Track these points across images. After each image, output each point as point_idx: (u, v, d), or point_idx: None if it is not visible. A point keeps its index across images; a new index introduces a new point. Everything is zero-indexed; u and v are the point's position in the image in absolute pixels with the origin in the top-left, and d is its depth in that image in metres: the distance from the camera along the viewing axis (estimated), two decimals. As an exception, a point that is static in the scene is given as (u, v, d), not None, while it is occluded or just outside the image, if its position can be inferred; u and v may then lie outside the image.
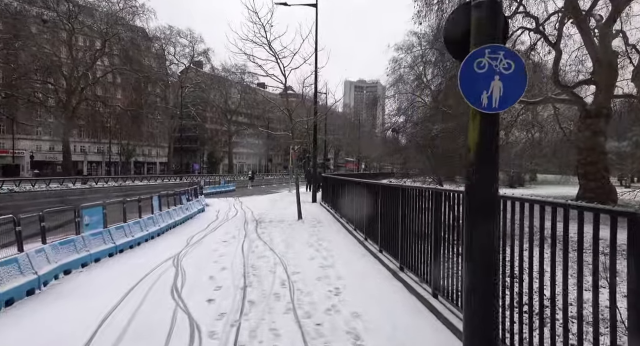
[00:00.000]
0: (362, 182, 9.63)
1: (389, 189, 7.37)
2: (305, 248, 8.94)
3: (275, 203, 20.90)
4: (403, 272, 6.24)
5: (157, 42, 64.92)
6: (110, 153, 62.63)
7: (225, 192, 30.65)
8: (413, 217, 5.78)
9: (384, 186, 7.80)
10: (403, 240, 6.27)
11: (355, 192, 10.33)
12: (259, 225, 12.76)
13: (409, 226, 5.97)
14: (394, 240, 6.82)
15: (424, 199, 5.34)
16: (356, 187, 10.46)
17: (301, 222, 13.37)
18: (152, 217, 10.86)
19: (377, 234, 8.08)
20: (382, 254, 7.58)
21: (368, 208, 8.79)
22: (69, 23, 47.90)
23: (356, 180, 11.03)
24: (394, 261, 6.78)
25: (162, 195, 12.48)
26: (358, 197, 10.10)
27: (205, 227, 12.54)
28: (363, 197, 9.39)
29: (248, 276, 6.49)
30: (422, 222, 5.39)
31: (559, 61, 23.47)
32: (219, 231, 11.73)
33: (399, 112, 34.03)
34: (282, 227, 12.34)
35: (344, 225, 12.11)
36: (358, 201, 10.06)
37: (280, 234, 10.89)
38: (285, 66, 12.92)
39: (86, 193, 25.86)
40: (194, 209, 16.23)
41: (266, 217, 15.25)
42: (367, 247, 8.49)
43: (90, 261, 7.36)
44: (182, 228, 12.68)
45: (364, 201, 9.30)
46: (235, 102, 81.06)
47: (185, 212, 14.55)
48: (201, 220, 14.80)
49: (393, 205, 6.84)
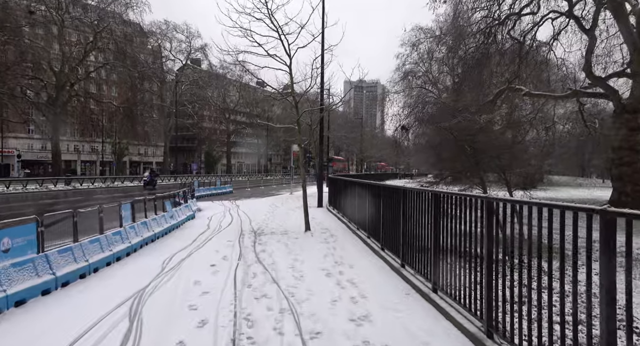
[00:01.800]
0: (397, 187, 7.23)
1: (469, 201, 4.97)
2: (321, 279, 6.54)
3: (276, 209, 18.49)
4: (492, 340, 3.85)
5: (152, 37, 62.47)
6: (104, 152, 60.15)
7: (221, 194, 28.21)
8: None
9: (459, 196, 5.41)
10: (490, 282, 3.89)
11: (385, 201, 7.93)
12: (258, 239, 10.35)
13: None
14: (458, 275, 4.44)
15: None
16: (384, 193, 8.05)
17: (309, 235, 10.96)
18: (120, 231, 8.44)
19: (424, 261, 5.71)
20: (438, 295, 5.20)
21: (409, 225, 6.40)
22: (58, 15, 45.47)
23: (380, 184, 8.63)
24: (468, 314, 4.40)
25: (138, 201, 10.07)
26: (388, 207, 7.71)
27: (192, 242, 10.13)
28: (396, 207, 7.00)
29: (240, 341, 4.09)
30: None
31: (592, 50, 21.08)
32: (208, 248, 9.32)
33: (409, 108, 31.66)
34: (287, 242, 9.93)
35: (363, 239, 9.72)
36: (389, 213, 7.66)
37: (285, 254, 8.47)
38: (290, 43, 10.53)
39: (60, 197, 23.34)
40: (182, 217, 13.82)
41: (266, 226, 12.84)
42: (409, 280, 6.09)
43: (5, 307, 4.95)
44: (163, 242, 10.26)
45: (398, 213, 6.91)
46: (233, 101, 78.65)
47: (170, 221, 12.14)
48: (189, 230, 12.39)
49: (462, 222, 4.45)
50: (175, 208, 13.80)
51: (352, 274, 6.77)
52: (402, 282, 6.24)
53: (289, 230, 11.87)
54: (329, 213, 16.71)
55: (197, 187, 25.92)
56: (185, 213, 14.69)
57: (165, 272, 7.03)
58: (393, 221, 7.37)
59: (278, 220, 14.31)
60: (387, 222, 7.83)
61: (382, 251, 8.11)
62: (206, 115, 79.43)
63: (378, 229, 8.55)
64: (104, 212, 8.11)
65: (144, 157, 77.27)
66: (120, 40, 48.98)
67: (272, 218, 14.85)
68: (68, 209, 7.23)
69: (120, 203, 8.71)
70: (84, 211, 7.47)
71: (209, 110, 78.91)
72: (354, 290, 5.87)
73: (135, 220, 9.64)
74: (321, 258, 8.04)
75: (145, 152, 76.91)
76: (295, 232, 11.44)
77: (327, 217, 15.54)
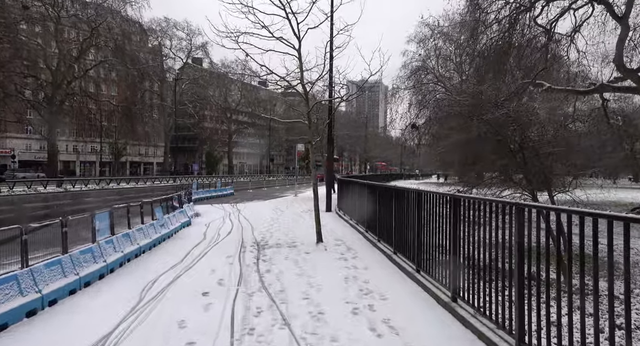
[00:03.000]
0: (446, 195, 5.59)
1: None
2: (347, 318, 4.91)
3: (281, 214, 16.88)
4: None
5: (152, 34, 61.00)
6: (102, 152, 58.68)
7: (221, 196, 26.62)
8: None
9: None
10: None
11: (426, 210, 6.29)
12: (262, 253, 8.74)
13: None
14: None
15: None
16: (427, 200, 6.41)
17: (322, 248, 9.33)
18: (92, 248, 6.84)
19: (493, 294, 4.09)
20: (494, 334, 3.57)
21: (470, 245, 4.78)
22: (54, 11, 43.98)
23: (422, 191, 7.00)
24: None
25: (119, 208, 8.46)
26: (429, 219, 6.08)
27: (183, 257, 8.51)
28: (447, 221, 5.38)
29: None
30: None
31: (624, 40, 19.31)
32: (202, 265, 7.71)
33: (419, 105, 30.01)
34: (296, 258, 8.30)
35: (388, 255, 8.11)
36: (430, 227, 6.03)
37: (295, 276, 6.85)
38: (300, 22, 8.92)
39: (47, 200, 21.69)
40: (175, 224, 12.22)
41: (271, 236, 11.22)
42: (470, 323, 4.45)
43: None
44: (149, 258, 8.66)
45: (451, 229, 5.28)
46: (235, 100, 77.09)
47: (160, 230, 10.54)
48: (182, 241, 10.79)
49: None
50: (168, 215, 12.22)
51: (386, 310, 5.14)
52: (459, 325, 4.60)
53: (297, 242, 10.24)
54: (340, 219, 15.08)
55: (195, 189, 24.33)
56: (179, 219, 13.10)
57: (143, 306, 5.41)
58: (438, 237, 5.73)
59: (284, 228, 12.69)
60: (425, 237, 6.20)
61: (418, 273, 6.48)
62: (207, 115, 77.86)
63: (410, 245, 6.92)
64: (79, 224, 6.56)
65: (145, 157, 75.84)
66: (119, 37, 47.47)
67: (277, 226, 13.23)
68: (46, 215, 5.62)
69: (93, 213, 7.10)
70: (39, 225, 5.86)
71: (211, 109, 77.36)
72: (397, 340, 4.24)
73: (115, 232, 8.04)
74: (342, 283, 6.41)
75: (145, 153, 75.49)
76: (305, 244, 9.82)
77: (338, 223, 13.91)
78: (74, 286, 5.97)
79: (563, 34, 23.63)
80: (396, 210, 7.91)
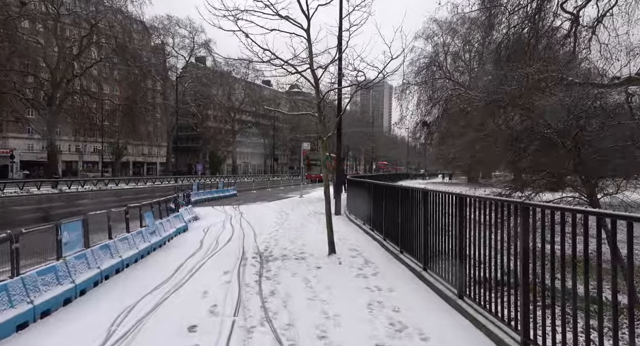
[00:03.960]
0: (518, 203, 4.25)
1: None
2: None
3: (287, 217, 15.56)
4: None
5: (154, 32, 59.88)
6: (103, 152, 57.67)
7: (223, 197, 25.36)
8: None
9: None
10: None
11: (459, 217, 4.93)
12: (265, 268, 7.42)
13: None
14: None
15: None
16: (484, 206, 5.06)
17: (335, 261, 7.99)
18: (55, 267, 5.54)
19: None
20: None
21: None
22: (53, 7, 42.89)
23: (463, 195, 5.66)
24: None
25: (96, 216, 7.17)
26: (479, 233, 4.73)
27: (173, 272, 7.22)
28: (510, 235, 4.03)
29: None
30: None
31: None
32: (193, 285, 6.41)
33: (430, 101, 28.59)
34: (306, 275, 6.97)
35: (417, 272, 6.78)
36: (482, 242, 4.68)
37: (306, 302, 5.51)
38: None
39: (35, 203, 20.40)
40: (169, 230, 10.95)
41: (276, 244, 9.90)
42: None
43: None
44: (132, 273, 7.37)
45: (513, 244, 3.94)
46: (239, 99, 75.85)
47: (150, 238, 9.25)
48: (175, 251, 9.51)
49: None
50: (162, 220, 10.95)
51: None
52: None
53: (306, 252, 8.91)
54: (351, 223, 13.75)
55: (195, 190, 23.10)
56: (174, 225, 11.83)
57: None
58: (489, 251, 4.39)
59: (290, 234, 11.37)
60: (473, 250, 4.85)
61: (460, 299, 5.14)
62: (211, 114, 76.70)
63: (449, 262, 5.57)
64: (15, 243, 5.28)
65: (148, 157, 74.90)
66: (119, 34, 46.34)
67: (283, 232, 11.92)
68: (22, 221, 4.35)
69: (58, 223, 5.79)
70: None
71: (214, 109, 76.19)
72: None
73: (92, 244, 6.76)
74: (365, 313, 5.07)
75: (149, 153, 74.54)
76: (315, 255, 8.48)
77: (350, 228, 12.58)
78: (25, 318, 4.68)
79: (584, 26, 22.22)
80: (426, 216, 6.57)
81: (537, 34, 16.29)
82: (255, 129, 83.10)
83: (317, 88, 8.20)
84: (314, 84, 8.22)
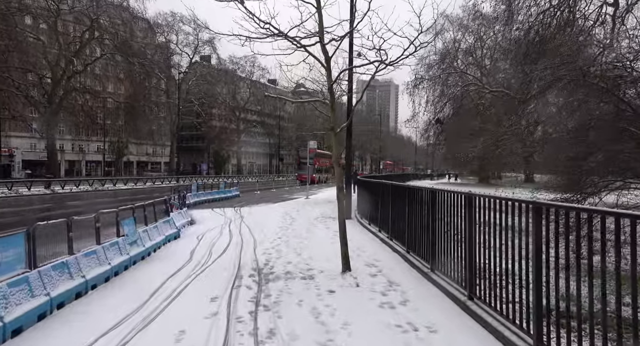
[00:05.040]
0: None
1: None
2: None
3: (291, 221, 14.03)
4: None
5: (158, 29, 58.63)
6: (105, 151, 56.55)
7: (224, 198, 23.90)
8: None
9: None
10: None
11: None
12: (264, 293, 5.89)
13: None
14: None
15: None
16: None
17: (352, 281, 6.44)
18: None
19: None
20: None
21: None
22: (53, 3, 41.71)
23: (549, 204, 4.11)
24: None
25: (48, 225, 5.67)
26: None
27: (147, 299, 5.69)
28: None
29: None
30: None
31: None
32: (166, 320, 4.89)
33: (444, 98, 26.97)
34: (316, 303, 5.42)
35: (454, 297, 5.23)
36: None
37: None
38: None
39: (18, 205, 18.95)
40: (156, 239, 9.48)
41: (279, 257, 8.37)
42: None
43: None
44: (94, 300, 5.86)
45: None
46: (244, 98, 74.46)
47: (128, 250, 7.77)
48: (158, 265, 8.01)
49: None
50: (148, 226, 9.48)
51: None
52: None
53: (314, 268, 7.37)
54: (364, 229, 12.19)
55: (195, 191, 21.64)
56: (164, 232, 10.36)
57: None
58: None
59: (295, 243, 9.84)
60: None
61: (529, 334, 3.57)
62: (216, 113, 75.40)
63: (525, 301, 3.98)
64: None
65: (152, 157, 73.86)
66: (121, 29, 45.09)
67: (287, 239, 10.39)
68: None
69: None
70: None
71: (219, 108, 74.88)
72: None
73: (41, 264, 5.27)
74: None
75: (153, 152, 73.49)
76: (326, 273, 6.94)
77: (364, 236, 11.02)
78: None
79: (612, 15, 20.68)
80: (470, 226, 5.01)
81: (573, 16, 14.62)
82: (261, 128, 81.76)
83: (329, 68, 6.66)
84: (325, 64, 6.68)
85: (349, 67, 6.57)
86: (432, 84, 31.55)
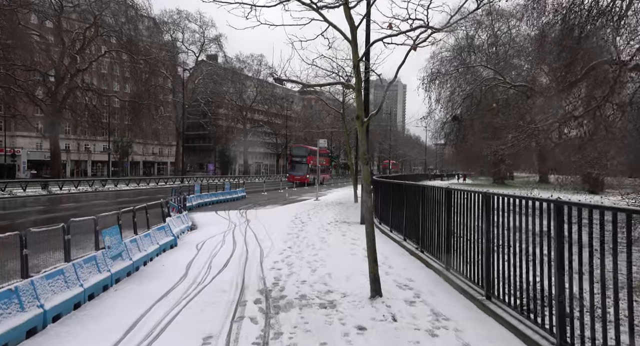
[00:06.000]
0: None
1: None
2: None
3: (302, 227, 12.62)
4: None
5: (164, 26, 57.67)
6: (109, 151, 55.61)
7: (230, 200, 22.57)
8: None
9: None
10: None
11: None
12: (273, 332, 4.49)
13: None
14: None
15: None
16: None
17: (386, 312, 5.01)
18: None
19: None
20: None
21: None
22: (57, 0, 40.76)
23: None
24: None
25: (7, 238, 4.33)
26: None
27: (120, 338, 4.34)
28: None
29: None
30: None
31: None
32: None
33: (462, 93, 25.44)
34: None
35: (526, 337, 3.79)
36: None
37: None
38: None
39: (9, 207, 17.76)
40: (147, 250, 8.13)
41: (290, 275, 6.95)
42: None
43: None
44: (49, 340, 4.50)
45: None
46: (250, 97, 73.27)
47: (109, 266, 6.43)
48: (144, 286, 6.64)
49: None
50: (138, 235, 8.14)
51: None
52: None
53: (335, 290, 5.96)
54: (387, 238, 10.74)
55: (198, 192, 20.33)
56: (158, 240, 9.01)
57: None
58: None
59: (309, 256, 8.42)
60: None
61: None
62: (222, 113, 74.30)
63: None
64: None
65: (159, 156, 72.97)
66: (124, 26, 44.02)
67: (299, 251, 8.98)
68: None
69: None
70: None
71: (225, 107, 73.78)
72: None
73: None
74: None
75: (160, 152, 72.61)
76: (350, 299, 5.52)
77: (388, 246, 9.55)
78: None
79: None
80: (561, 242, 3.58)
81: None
82: (268, 128, 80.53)
83: (355, 42, 5.24)
84: (349, 37, 5.27)
85: (383, 36, 5.10)
86: (449, 78, 30.00)
